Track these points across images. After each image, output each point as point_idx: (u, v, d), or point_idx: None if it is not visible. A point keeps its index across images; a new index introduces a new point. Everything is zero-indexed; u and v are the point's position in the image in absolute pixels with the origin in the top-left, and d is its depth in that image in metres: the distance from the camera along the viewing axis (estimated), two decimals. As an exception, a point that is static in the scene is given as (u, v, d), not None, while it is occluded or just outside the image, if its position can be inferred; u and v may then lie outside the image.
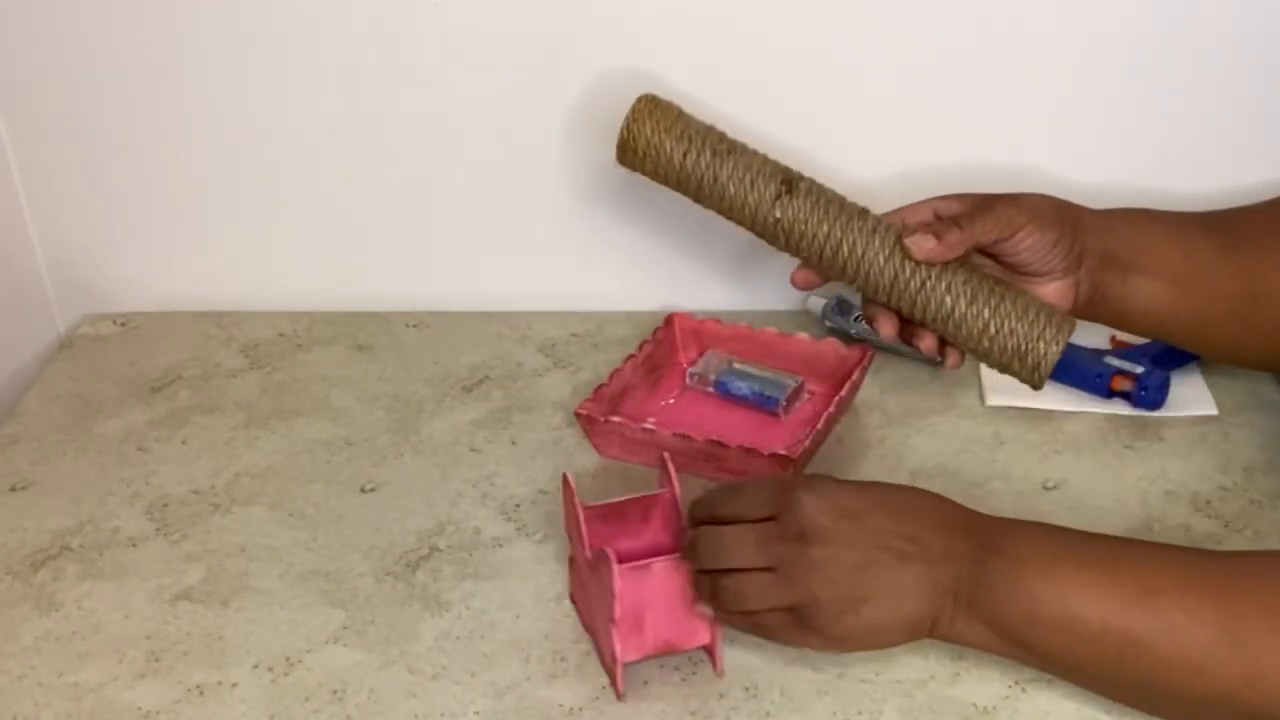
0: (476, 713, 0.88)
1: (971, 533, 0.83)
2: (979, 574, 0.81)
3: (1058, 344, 0.93)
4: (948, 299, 0.93)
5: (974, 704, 0.87)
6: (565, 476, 0.90)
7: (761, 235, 0.97)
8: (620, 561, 0.84)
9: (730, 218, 0.97)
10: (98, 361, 1.23)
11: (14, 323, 1.26)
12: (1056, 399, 1.12)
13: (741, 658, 0.91)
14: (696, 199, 0.98)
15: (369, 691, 0.90)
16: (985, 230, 0.92)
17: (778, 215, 0.95)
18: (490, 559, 1.00)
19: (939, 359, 0.97)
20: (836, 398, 1.08)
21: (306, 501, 1.06)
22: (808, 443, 1.03)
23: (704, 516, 0.85)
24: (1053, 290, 0.95)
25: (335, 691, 0.90)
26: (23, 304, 1.28)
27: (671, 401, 1.14)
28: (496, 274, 1.27)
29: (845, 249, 0.94)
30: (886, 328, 0.96)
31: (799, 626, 0.82)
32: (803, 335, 1.14)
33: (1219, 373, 1.13)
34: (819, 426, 1.05)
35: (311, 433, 1.13)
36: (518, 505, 1.05)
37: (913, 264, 0.93)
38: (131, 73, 1.20)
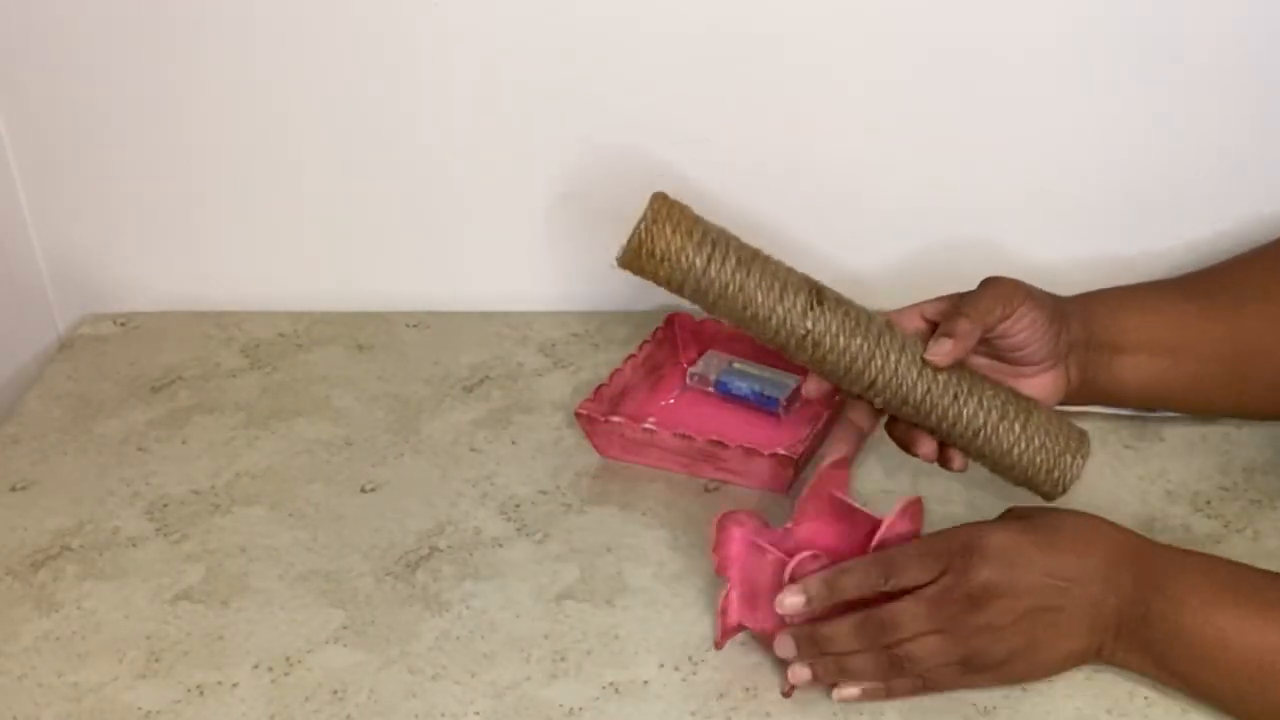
0: (476, 713, 0.88)
1: (1134, 564, 0.85)
2: (1140, 610, 0.84)
3: (1083, 458, 0.93)
4: (980, 414, 0.91)
5: (974, 704, 0.87)
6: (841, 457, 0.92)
7: (783, 348, 0.91)
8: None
9: (749, 328, 0.91)
10: (98, 361, 1.23)
11: (14, 323, 1.26)
12: (1056, 399, 1.12)
13: (741, 657, 0.91)
14: (711, 308, 0.91)
15: (369, 691, 0.90)
16: (990, 309, 0.91)
17: (809, 327, 0.89)
18: (490, 559, 1.00)
19: (938, 463, 0.95)
20: (837, 398, 1.08)
21: (306, 501, 1.06)
22: (808, 443, 1.03)
23: (869, 588, 0.85)
24: (1046, 381, 0.94)
25: (335, 691, 0.90)
26: (23, 304, 1.28)
27: (671, 401, 1.14)
28: (496, 274, 1.27)
29: (877, 363, 0.90)
30: (926, 448, 0.94)
31: (968, 672, 0.85)
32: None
33: (1219, 373, 1.13)
34: (819, 426, 1.05)
35: (311, 433, 1.13)
36: (518, 505, 1.05)
37: (945, 377, 0.90)
38: (132, 73, 1.20)
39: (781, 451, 1.02)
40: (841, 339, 0.90)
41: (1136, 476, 1.05)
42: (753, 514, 0.92)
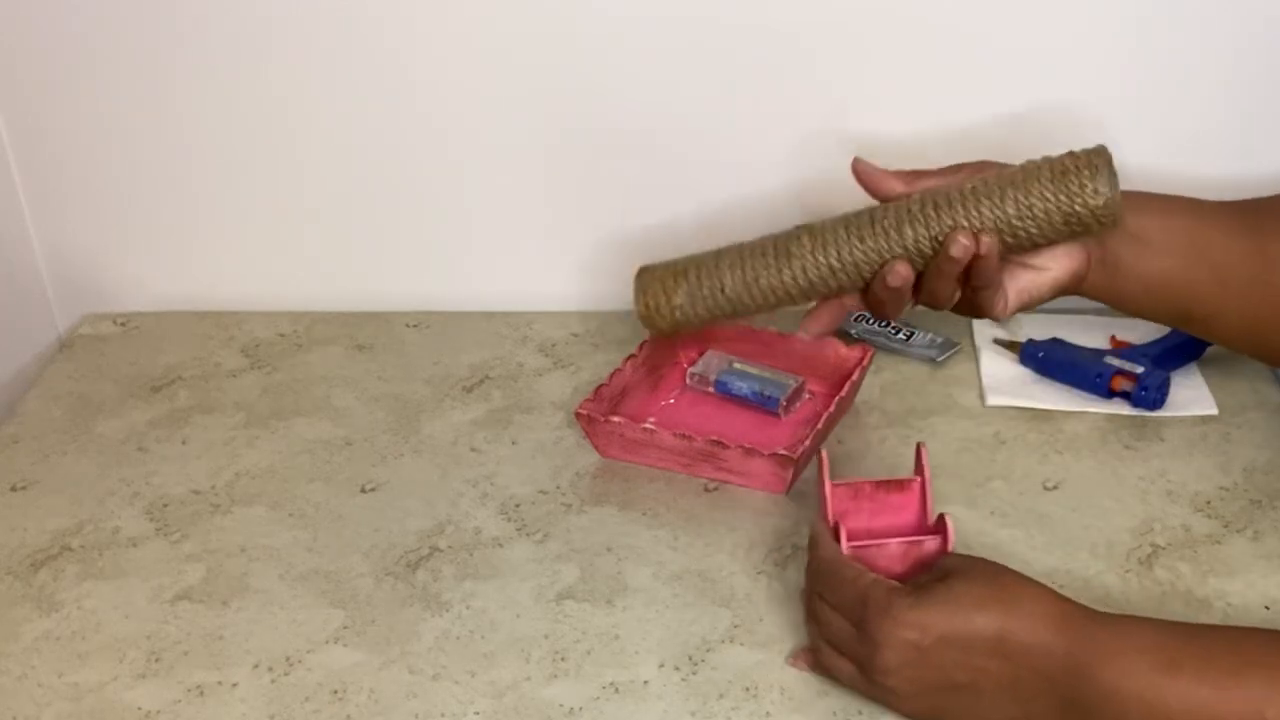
0: (476, 713, 0.88)
1: (1060, 644, 0.80)
2: (1071, 691, 0.79)
3: (1104, 167, 0.90)
4: (986, 206, 0.91)
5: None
6: (821, 452, 0.93)
7: (808, 291, 0.95)
8: (856, 538, 0.88)
9: (777, 299, 0.96)
10: (98, 361, 1.23)
11: (14, 323, 1.26)
12: (1056, 399, 1.12)
13: (742, 657, 0.91)
14: (743, 312, 0.98)
15: (369, 691, 0.90)
16: (974, 168, 0.93)
17: (799, 235, 0.95)
18: (490, 559, 1.00)
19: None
20: (836, 398, 1.08)
21: (306, 501, 1.06)
22: (808, 443, 1.03)
23: (808, 576, 0.90)
24: (1062, 253, 0.93)
25: (335, 691, 0.90)
26: (23, 304, 1.28)
27: (671, 401, 1.14)
28: (496, 274, 1.27)
29: (876, 228, 0.93)
30: (961, 246, 0.91)
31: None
32: (803, 335, 1.13)
33: (1219, 373, 1.13)
34: (819, 426, 1.05)
35: (311, 433, 1.13)
36: (518, 505, 1.05)
37: (939, 204, 0.91)
38: (132, 73, 1.20)
39: (781, 451, 1.02)
40: (833, 228, 0.94)
41: (1136, 476, 1.05)
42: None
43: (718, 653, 0.91)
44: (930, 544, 0.88)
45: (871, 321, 1.20)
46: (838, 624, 0.86)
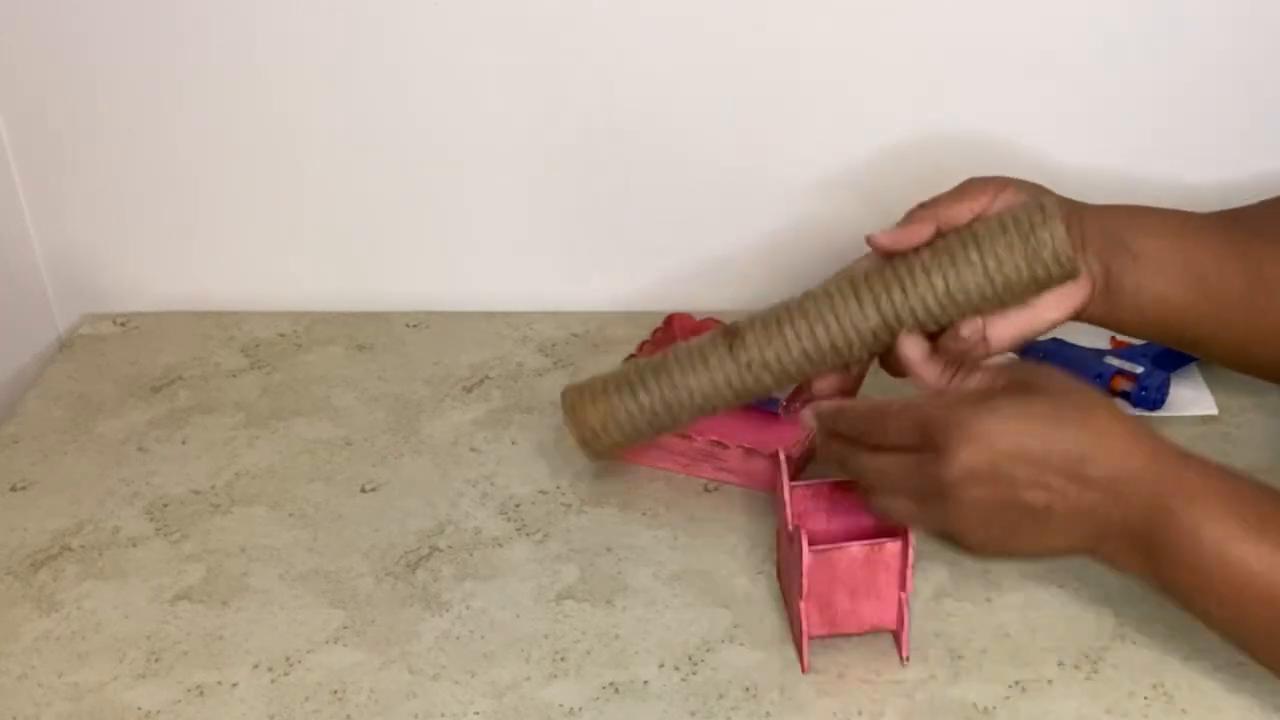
0: (476, 713, 0.88)
1: (1148, 478, 0.78)
2: (1148, 526, 0.78)
3: (1052, 220, 0.86)
4: (937, 279, 0.88)
5: (974, 704, 0.87)
6: (779, 453, 0.93)
7: (740, 391, 0.93)
8: (817, 541, 0.87)
9: (714, 406, 0.94)
10: (98, 361, 1.23)
11: (14, 323, 1.26)
12: (1056, 399, 1.12)
13: (742, 657, 0.91)
14: (675, 424, 0.95)
15: (369, 691, 0.90)
16: (950, 205, 0.89)
17: (745, 359, 0.92)
18: (490, 559, 1.00)
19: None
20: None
21: (306, 501, 1.06)
22: (808, 443, 1.03)
23: (843, 431, 0.85)
24: (1065, 297, 0.91)
25: (335, 691, 0.90)
26: (23, 304, 1.28)
27: (671, 401, 1.13)
28: (496, 274, 1.27)
29: (824, 326, 0.90)
30: (915, 351, 0.89)
31: (946, 543, 0.82)
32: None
33: (1219, 373, 1.13)
34: (819, 426, 1.05)
35: (311, 433, 1.13)
36: (518, 505, 1.05)
37: (885, 281, 0.89)
38: (132, 73, 1.20)
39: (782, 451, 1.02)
40: (773, 336, 0.91)
41: (1136, 476, 1.05)
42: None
43: (718, 653, 0.91)
44: (892, 546, 0.87)
45: None
46: (891, 461, 0.82)
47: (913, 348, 0.89)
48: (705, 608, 0.95)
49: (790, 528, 0.90)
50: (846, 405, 0.87)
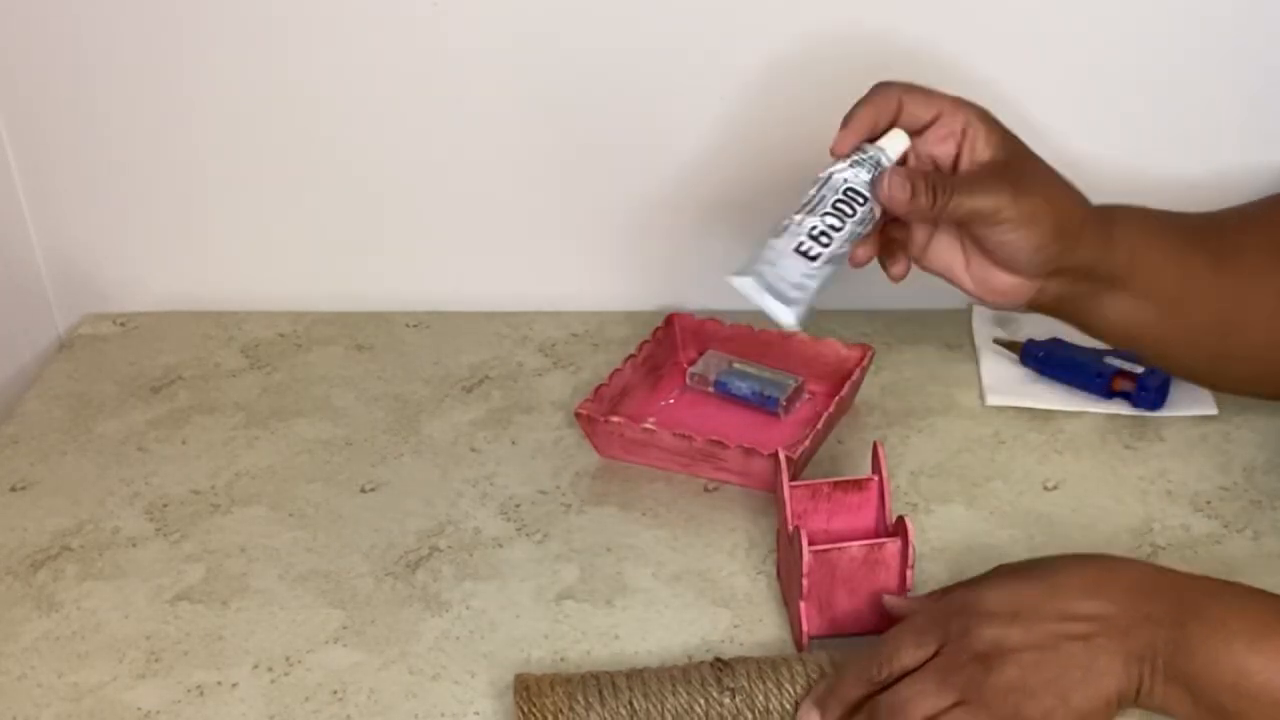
0: (476, 713, 0.88)
1: (1166, 594, 0.80)
2: (1178, 638, 0.78)
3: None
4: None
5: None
6: (779, 453, 0.93)
7: None
8: (817, 541, 0.87)
9: None
10: (98, 361, 1.23)
11: (14, 323, 1.26)
12: (1056, 399, 1.12)
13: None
14: None
15: (369, 691, 0.90)
16: (967, 205, 0.86)
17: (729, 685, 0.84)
18: (490, 559, 1.00)
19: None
20: (836, 398, 1.08)
21: (306, 501, 1.06)
22: (808, 443, 1.03)
23: (867, 684, 0.81)
24: (1007, 282, 0.90)
25: (335, 691, 0.90)
26: (23, 304, 1.28)
27: (671, 401, 1.14)
28: (496, 274, 1.27)
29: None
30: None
31: None
32: (803, 335, 1.14)
33: (1219, 373, 1.13)
34: (819, 426, 1.05)
35: (311, 433, 1.13)
36: (518, 505, 1.05)
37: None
38: (132, 73, 1.20)
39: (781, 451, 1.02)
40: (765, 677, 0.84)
41: (1137, 476, 1.05)
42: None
43: (717, 653, 0.91)
44: (891, 546, 0.88)
45: None
46: (917, 680, 0.79)
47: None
48: (705, 608, 0.95)
49: (790, 528, 0.90)
50: (839, 675, 0.83)
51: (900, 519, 0.88)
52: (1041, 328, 1.17)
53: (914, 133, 0.90)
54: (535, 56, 1.17)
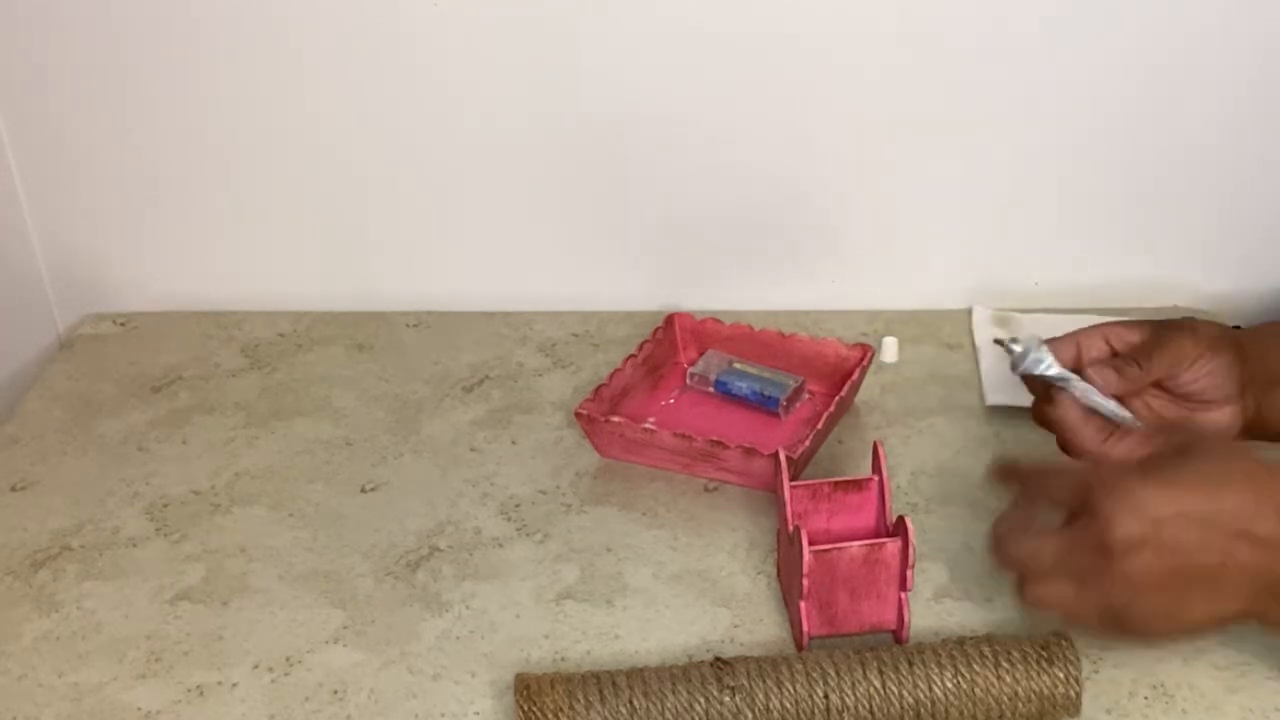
0: (477, 713, 0.88)
1: None
2: None
3: (1069, 666, 0.83)
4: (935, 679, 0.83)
5: (974, 704, 0.87)
6: (779, 453, 0.93)
7: None
8: (817, 541, 0.87)
9: None
10: (98, 361, 1.23)
11: (14, 323, 1.26)
12: (1056, 399, 1.12)
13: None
14: None
15: (369, 691, 0.90)
16: (1162, 366, 0.90)
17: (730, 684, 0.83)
18: (490, 559, 1.00)
19: None
20: (836, 398, 1.08)
21: (306, 501, 1.06)
22: (808, 443, 1.03)
23: (1014, 487, 0.85)
24: (1225, 415, 0.92)
25: (335, 691, 0.90)
26: (23, 304, 1.28)
27: (671, 401, 1.14)
28: (496, 274, 1.27)
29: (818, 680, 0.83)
30: None
31: (1108, 626, 0.80)
32: (803, 335, 1.14)
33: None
34: (819, 426, 1.05)
35: (311, 433, 1.13)
36: (518, 505, 1.05)
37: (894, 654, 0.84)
38: (132, 73, 1.20)
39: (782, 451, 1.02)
40: (764, 680, 0.84)
41: (1136, 476, 1.05)
42: None
43: (717, 652, 0.91)
44: (891, 546, 0.88)
45: None
46: (1048, 542, 0.80)
47: (1069, 408, 0.90)
48: (705, 608, 0.95)
49: (790, 528, 0.90)
50: (1019, 470, 0.86)
51: (900, 519, 0.88)
52: (1042, 328, 1.17)
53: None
54: (536, 57, 1.17)
